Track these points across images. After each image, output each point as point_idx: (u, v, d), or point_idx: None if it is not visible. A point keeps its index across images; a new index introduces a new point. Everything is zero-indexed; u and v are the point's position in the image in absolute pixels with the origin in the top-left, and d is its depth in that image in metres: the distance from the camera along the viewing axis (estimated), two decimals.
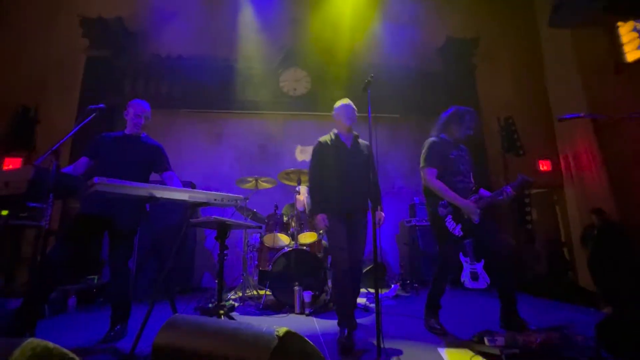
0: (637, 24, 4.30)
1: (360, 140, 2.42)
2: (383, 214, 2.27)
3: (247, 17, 5.15)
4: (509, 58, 5.38)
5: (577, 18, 4.66)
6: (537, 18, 5.21)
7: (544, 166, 5.12)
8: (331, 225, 2.20)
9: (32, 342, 1.05)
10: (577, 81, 4.65)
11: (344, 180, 2.24)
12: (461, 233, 2.20)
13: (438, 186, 2.22)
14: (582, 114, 2.11)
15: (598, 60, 4.60)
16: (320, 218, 2.21)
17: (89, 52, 4.67)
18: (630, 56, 4.33)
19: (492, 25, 5.36)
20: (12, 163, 4.05)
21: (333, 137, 2.36)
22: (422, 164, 2.33)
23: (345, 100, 2.40)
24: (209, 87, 4.98)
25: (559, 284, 3.88)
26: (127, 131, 2.30)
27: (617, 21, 4.52)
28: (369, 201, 2.31)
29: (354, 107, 2.38)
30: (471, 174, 2.41)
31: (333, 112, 2.40)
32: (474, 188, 2.35)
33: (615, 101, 4.31)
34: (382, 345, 1.61)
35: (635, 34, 4.31)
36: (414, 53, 5.36)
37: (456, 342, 2.02)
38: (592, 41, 4.69)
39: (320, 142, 2.36)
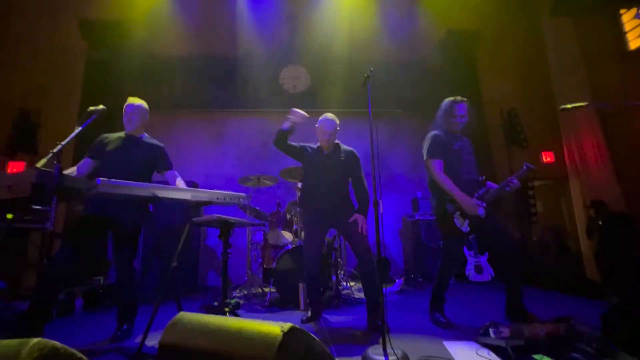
0: None
1: (342, 147, 2.56)
2: (365, 220, 2.36)
3: (245, 15, 5.13)
4: (511, 50, 5.31)
5: (579, 6, 4.61)
6: (539, 8, 5.15)
7: (548, 158, 5.08)
8: (307, 225, 2.57)
9: (40, 342, 1.06)
10: (580, 71, 4.60)
11: (320, 185, 2.44)
12: (468, 229, 2.18)
13: (443, 179, 2.19)
14: (584, 103, 2.08)
15: (601, 49, 4.55)
16: None
17: (89, 54, 4.68)
18: (634, 44, 4.27)
19: (493, 18, 5.29)
20: (16, 167, 4.08)
21: (314, 146, 2.61)
22: (425, 156, 2.31)
23: (329, 115, 2.54)
24: (209, 86, 4.98)
25: (565, 276, 3.85)
26: (126, 131, 2.30)
27: (620, 8, 4.46)
28: (353, 203, 2.49)
29: (332, 120, 2.50)
30: (475, 165, 2.40)
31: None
32: (481, 180, 2.31)
33: (619, 90, 4.26)
34: (387, 339, 1.61)
35: (638, 21, 4.25)
36: (414, 47, 5.32)
37: (462, 335, 2.01)
38: (595, 30, 4.63)
39: (304, 145, 2.62)
